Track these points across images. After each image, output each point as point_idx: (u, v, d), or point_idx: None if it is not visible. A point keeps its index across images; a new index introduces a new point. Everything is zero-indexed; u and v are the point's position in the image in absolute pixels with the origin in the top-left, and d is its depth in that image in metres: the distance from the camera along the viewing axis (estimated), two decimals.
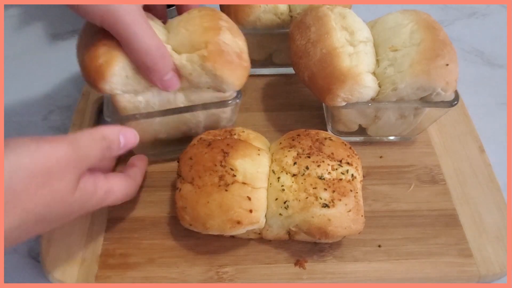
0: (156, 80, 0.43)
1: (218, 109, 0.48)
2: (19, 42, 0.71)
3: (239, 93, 0.48)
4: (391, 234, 0.47)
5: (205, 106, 0.47)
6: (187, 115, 0.48)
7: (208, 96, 0.46)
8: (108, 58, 0.42)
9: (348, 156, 0.45)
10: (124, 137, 0.42)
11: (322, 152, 0.44)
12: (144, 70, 0.43)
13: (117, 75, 0.43)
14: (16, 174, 0.32)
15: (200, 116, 0.49)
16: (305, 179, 0.42)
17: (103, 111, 0.46)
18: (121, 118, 0.46)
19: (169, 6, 0.60)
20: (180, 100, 0.47)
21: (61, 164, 0.35)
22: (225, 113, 0.50)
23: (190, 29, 0.45)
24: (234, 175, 0.42)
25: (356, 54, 0.48)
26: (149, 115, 0.46)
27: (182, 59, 0.44)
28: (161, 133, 0.50)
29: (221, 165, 0.42)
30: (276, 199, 0.42)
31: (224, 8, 0.57)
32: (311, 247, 0.46)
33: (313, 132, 0.47)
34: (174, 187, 0.51)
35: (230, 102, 0.47)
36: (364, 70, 0.47)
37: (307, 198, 0.41)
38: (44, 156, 0.34)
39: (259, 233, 0.45)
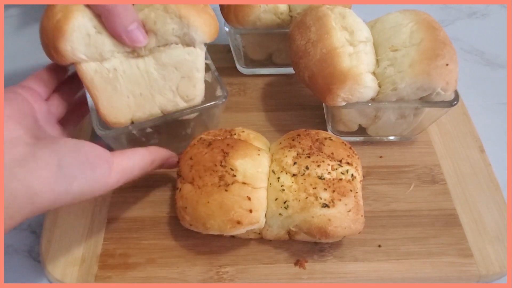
0: (120, 31, 0.41)
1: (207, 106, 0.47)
2: (19, 42, 0.70)
3: (225, 91, 0.48)
4: (391, 234, 0.47)
5: (195, 109, 0.47)
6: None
7: (179, 54, 0.44)
8: (65, 12, 0.40)
9: (348, 156, 0.45)
10: (155, 159, 0.44)
11: (322, 152, 0.44)
12: (105, 16, 0.40)
13: (77, 31, 0.40)
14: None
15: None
16: (305, 179, 0.42)
17: (93, 126, 0.44)
18: (115, 131, 0.44)
19: None
20: (151, 65, 0.44)
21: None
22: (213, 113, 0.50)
23: None
24: (234, 175, 0.42)
25: (356, 54, 0.48)
26: (142, 125, 0.45)
27: (144, 12, 0.43)
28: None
29: (221, 165, 0.42)
30: (276, 199, 0.42)
31: (224, 8, 0.57)
32: (311, 247, 0.46)
33: (313, 132, 0.47)
34: (174, 187, 0.51)
35: (218, 102, 0.47)
36: (364, 70, 0.47)
37: (307, 198, 0.41)
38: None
39: (259, 233, 0.45)
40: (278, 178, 0.43)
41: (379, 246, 0.46)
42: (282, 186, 0.42)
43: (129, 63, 0.43)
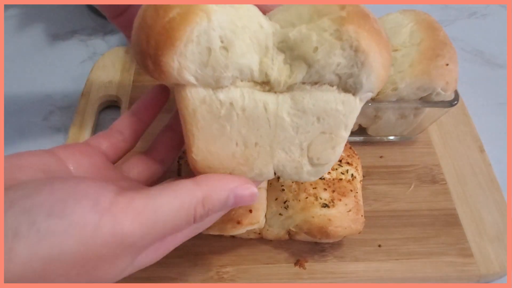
0: None
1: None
2: (19, 42, 0.70)
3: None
4: (391, 234, 0.47)
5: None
6: None
7: (330, 101, 0.31)
8: (186, 10, 0.27)
9: (348, 156, 0.45)
10: (237, 195, 0.30)
11: None
12: None
13: (196, 42, 0.27)
14: (53, 262, 0.23)
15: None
16: None
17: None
18: None
19: None
20: (285, 107, 0.31)
21: (123, 245, 0.25)
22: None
23: (304, 5, 0.30)
24: None
25: None
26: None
27: (301, 29, 0.29)
28: None
29: None
30: (276, 199, 0.42)
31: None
32: (312, 247, 0.46)
33: None
34: None
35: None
36: None
37: (307, 198, 0.41)
38: (102, 239, 0.24)
39: (259, 233, 0.45)
40: (278, 178, 0.43)
41: (379, 246, 0.46)
42: (282, 186, 0.42)
43: (254, 99, 0.30)
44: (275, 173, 0.33)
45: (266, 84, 0.30)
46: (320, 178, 0.42)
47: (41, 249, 0.23)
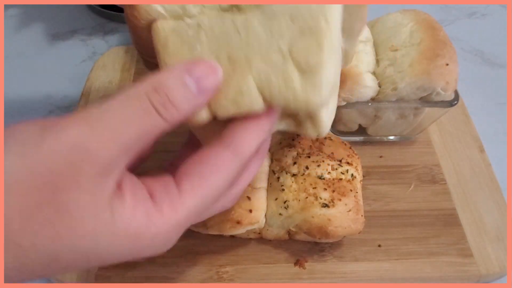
0: None
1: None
2: (19, 42, 0.71)
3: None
4: (391, 234, 0.47)
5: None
6: None
7: None
8: None
9: (348, 156, 0.45)
10: (195, 76, 0.26)
11: (322, 151, 0.44)
12: None
13: None
14: (9, 191, 0.21)
15: None
16: (305, 179, 0.42)
17: None
18: None
19: None
20: (255, 19, 0.28)
21: (75, 167, 0.22)
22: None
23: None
24: None
25: (356, 54, 0.48)
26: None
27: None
28: None
29: None
30: (276, 199, 0.42)
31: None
32: (311, 247, 0.46)
33: None
34: None
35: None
36: (364, 69, 0.47)
37: (307, 198, 0.41)
38: (47, 155, 0.22)
39: (259, 233, 0.45)
40: (278, 178, 0.43)
41: (379, 246, 0.46)
42: (282, 186, 0.42)
43: (221, 19, 0.29)
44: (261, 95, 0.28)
45: (234, 7, 0.29)
46: (320, 178, 0.42)
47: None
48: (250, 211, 0.41)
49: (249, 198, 0.41)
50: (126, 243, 0.24)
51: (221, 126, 0.29)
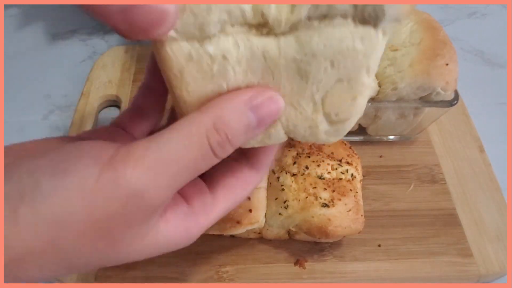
0: None
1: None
2: (19, 42, 0.70)
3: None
4: (391, 234, 0.47)
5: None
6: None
7: (345, 38, 0.24)
8: None
9: (348, 155, 0.45)
10: (257, 112, 0.24)
11: (322, 151, 0.44)
12: None
13: None
14: (60, 224, 0.22)
15: None
16: (305, 178, 0.42)
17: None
18: None
19: None
20: (289, 51, 0.24)
21: (130, 197, 0.23)
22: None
23: None
24: None
25: None
26: None
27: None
28: None
29: None
30: (276, 198, 0.42)
31: None
32: (311, 246, 0.46)
33: None
34: None
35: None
36: None
37: (306, 197, 0.41)
38: (105, 200, 0.23)
39: (259, 233, 0.45)
40: (278, 177, 0.43)
41: (379, 245, 0.46)
42: (282, 185, 0.42)
43: (250, 48, 0.24)
44: (288, 136, 0.27)
45: (263, 27, 0.24)
46: (320, 178, 0.42)
47: (45, 209, 0.22)
48: (250, 211, 0.41)
49: (249, 197, 0.41)
50: (164, 250, 0.28)
51: None
